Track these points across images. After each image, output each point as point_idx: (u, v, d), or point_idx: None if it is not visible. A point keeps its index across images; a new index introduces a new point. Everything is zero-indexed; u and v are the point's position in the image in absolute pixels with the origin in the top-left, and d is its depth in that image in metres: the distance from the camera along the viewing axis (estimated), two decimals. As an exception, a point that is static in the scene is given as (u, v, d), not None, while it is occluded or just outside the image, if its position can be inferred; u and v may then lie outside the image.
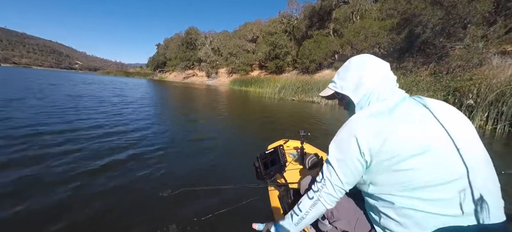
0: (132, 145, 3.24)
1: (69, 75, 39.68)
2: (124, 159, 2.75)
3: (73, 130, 3.71)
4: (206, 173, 2.57)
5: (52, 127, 3.80)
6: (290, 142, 2.04)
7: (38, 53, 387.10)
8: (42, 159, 2.54)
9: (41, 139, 3.15)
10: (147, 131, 4.14)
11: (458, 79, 6.68)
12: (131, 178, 2.31)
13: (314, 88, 12.76)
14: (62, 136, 3.38)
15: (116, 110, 6.10)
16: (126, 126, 4.37)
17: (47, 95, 7.74)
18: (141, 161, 2.73)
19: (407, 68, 10.80)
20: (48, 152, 2.76)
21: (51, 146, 2.93)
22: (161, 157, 2.89)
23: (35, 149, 2.80)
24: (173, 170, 2.56)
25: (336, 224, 0.87)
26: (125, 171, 2.45)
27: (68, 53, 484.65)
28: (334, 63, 19.43)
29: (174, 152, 3.15)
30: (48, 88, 10.65)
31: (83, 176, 2.26)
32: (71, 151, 2.85)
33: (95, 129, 3.96)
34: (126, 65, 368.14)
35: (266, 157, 1.37)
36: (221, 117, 6.38)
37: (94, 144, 3.16)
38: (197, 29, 46.83)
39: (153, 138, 3.72)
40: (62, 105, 6.07)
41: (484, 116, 5.45)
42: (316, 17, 23.33)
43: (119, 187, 2.13)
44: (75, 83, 16.18)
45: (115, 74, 73.56)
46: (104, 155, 2.81)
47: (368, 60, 0.80)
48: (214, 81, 36.58)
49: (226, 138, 4.15)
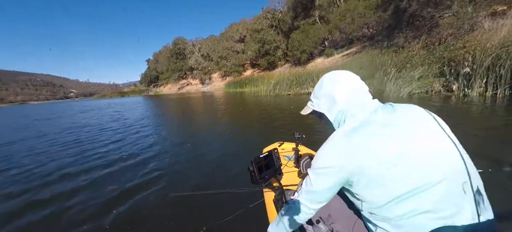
0: (132, 160, 3.43)
1: (69, 104, 40.31)
2: (121, 171, 2.99)
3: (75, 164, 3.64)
4: (202, 179, 2.65)
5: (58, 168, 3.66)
6: (285, 144, 2.02)
7: (32, 88, 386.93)
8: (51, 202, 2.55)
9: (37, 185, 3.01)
10: (146, 147, 4.29)
11: (452, 48, 6.51)
12: (129, 186, 2.47)
13: (308, 80, 12.61)
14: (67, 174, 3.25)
15: (118, 136, 5.90)
16: (125, 147, 4.45)
17: (47, 132, 7.59)
18: (140, 170, 2.92)
19: (398, 45, 10.62)
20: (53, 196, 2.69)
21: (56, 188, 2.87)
22: (160, 166, 3.06)
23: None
24: (171, 177, 2.70)
25: (333, 226, 0.87)
26: (123, 181, 2.62)
27: (62, 83, 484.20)
28: (324, 50, 19.24)
29: (173, 161, 3.29)
30: (46, 123, 10.47)
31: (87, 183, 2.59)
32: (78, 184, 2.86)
33: (96, 156, 4.03)
34: (121, 86, 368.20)
35: (261, 161, 1.36)
36: (216, 124, 6.34)
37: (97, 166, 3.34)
38: (184, 38, 46.57)
39: (152, 151, 3.89)
40: (63, 140, 5.89)
41: (483, 83, 5.29)
42: (300, 6, 23.05)
43: (118, 196, 2.30)
44: (74, 113, 16.04)
45: (111, 96, 73.49)
46: (104, 167, 3.15)
47: (338, 77, 0.81)
48: (208, 87, 36.42)
49: (222, 143, 4.26)
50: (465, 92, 5.57)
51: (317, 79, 12.77)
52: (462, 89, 5.63)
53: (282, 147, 1.97)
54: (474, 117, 3.99)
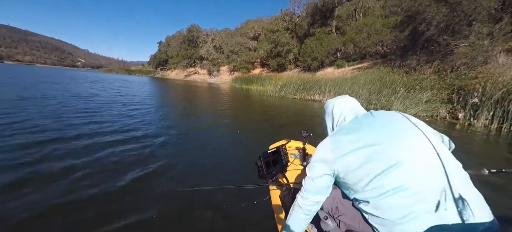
0: (136, 146, 3.21)
1: (76, 73, 39.72)
2: (124, 159, 2.72)
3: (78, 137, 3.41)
4: (208, 173, 2.56)
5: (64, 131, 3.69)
6: (292, 142, 2.03)
7: (41, 50, 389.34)
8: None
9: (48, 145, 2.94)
10: (152, 131, 4.05)
11: (463, 77, 6.55)
12: (134, 177, 2.29)
13: (316, 86, 12.65)
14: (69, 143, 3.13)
15: (125, 110, 5.89)
16: (131, 127, 4.28)
17: (56, 97, 7.73)
18: (146, 161, 2.70)
19: (410, 66, 10.65)
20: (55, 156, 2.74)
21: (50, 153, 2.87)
22: (165, 158, 2.85)
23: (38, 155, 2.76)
24: (177, 170, 2.56)
25: (340, 218, 0.91)
26: (127, 170, 2.42)
27: (71, 51, 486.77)
28: (336, 61, 19.25)
29: (178, 152, 3.13)
30: (61, 89, 10.64)
31: (85, 173, 2.29)
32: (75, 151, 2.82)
33: (98, 129, 3.91)
34: (128, 63, 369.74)
35: (269, 157, 1.36)
36: (223, 116, 6.33)
37: (97, 143, 3.16)
38: (199, 27, 46.68)
39: (158, 138, 3.64)
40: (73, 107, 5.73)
41: (490, 115, 5.34)
42: (319, 14, 23.07)
43: (120, 186, 2.11)
44: (81, 82, 16.20)
45: (117, 72, 73.82)
46: (107, 155, 2.80)
47: (335, 100, 1.05)
48: (215, 79, 36.49)
49: (228, 138, 4.13)
50: (471, 121, 5.63)
51: (324, 87, 12.87)
52: (468, 118, 5.69)
53: (289, 144, 1.95)
54: (477, 146, 4.06)
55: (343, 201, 0.91)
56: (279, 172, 1.44)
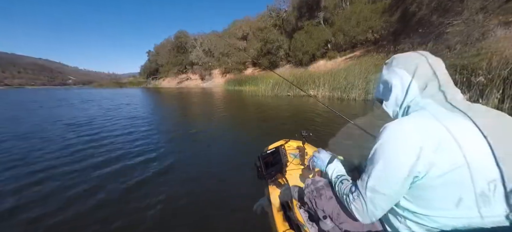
0: (133, 156, 3.23)
1: (65, 91, 39.14)
2: (121, 167, 2.76)
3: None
4: (208, 176, 2.55)
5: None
6: (291, 142, 2.00)
7: (30, 72, 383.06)
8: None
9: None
10: (147, 145, 3.91)
11: (465, 55, 6.14)
12: (132, 183, 2.33)
13: (309, 81, 12.23)
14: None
15: (118, 131, 5.27)
16: (127, 141, 4.09)
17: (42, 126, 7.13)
18: (142, 168, 2.75)
19: (404, 51, 10.29)
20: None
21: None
22: (163, 163, 2.89)
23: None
24: (176, 174, 2.59)
25: (342, 225, 0.84)
26: (123, 177, 2.48)
27: (60, 70, 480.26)
28: (327, 53, 18.88)
29: (176, 159, 3.11)
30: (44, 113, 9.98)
31: (86, 187, 2.30)
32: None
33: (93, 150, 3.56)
34: (120, 76, 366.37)
35: (268, 157, 1.36)
36: (218, 121, 6.00)
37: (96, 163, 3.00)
38: (186, 32, 46.06)
39: (154, 148, 3.62)
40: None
41: (498, 94, 4.92)
42: (305, 7, 22.68)
43: (118, 195, 2.13)
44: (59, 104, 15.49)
45: (108, 86, 72.85)
46: (105, 163, 2.88)
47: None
48: (208, 83, 35.93)
49: (225, 141, 4.07)
50: (479, 102, 5.21)
51: (318, 81, 12.45)
52: (475, 100, 5.28)
53: (288, 144, 1.93)
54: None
55: (345, 208, 0.81)
56: (278, 172, 1.43)
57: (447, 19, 9.11)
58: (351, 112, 6.39)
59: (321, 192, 0.92)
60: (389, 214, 0.72)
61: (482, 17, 7.97)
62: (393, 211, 0.70)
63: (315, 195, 0.93)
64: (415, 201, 0.61)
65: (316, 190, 0.94)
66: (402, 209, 0.66)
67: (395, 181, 0.59)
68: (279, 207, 1.28)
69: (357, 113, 6.35)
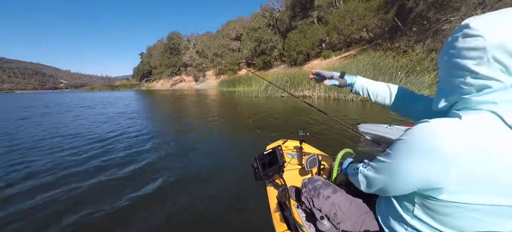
0: (131, 161, 3.16)
1: (56, 95, 38.65)
2: (120, 175, 2.68)
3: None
4: (205, 178, 2.52)
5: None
6: (289, 142, 1.98)
7: (20, 76, 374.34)
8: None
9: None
10: (144, 148, 3.83)
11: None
12: (130, 189, 2.29)
13: (304, 81, 11.84)
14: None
15: (111, 133, 4.99)
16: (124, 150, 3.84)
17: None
18: (140, 172, 2.73)
19: (400, 48, 9.98)
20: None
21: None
22: (160, 165, 2.92)
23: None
24: (174, 177, 2.55)
25: (339, 226, 0.84)
26: (122, 183, 2.45)
27: (52, 73, 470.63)
28: (322, 52, 18.57)
29: (171, 162, 3.09)
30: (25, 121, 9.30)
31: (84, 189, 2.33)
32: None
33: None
34: (113, 78, 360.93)
35: (264, 158, 1.35)
36: (213, 123, 5.70)
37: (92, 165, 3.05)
38: (179, 34, 45.48)
39: (152, 151, 3.60)
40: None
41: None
42: (299, 6, 22.38)
43: (114, 197, 2.12)
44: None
45: (100, 89, 71.52)
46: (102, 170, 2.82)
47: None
48: (202, 84, 35.37)
49: (223, 142, 4.08)
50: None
51: (313, 82, 12.06)
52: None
53: (285, 145, 1.92)
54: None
55: (343, 207, 0.84)
56: (276, 173, 1.41)
57: (444, 15, 8.84)
58: (349, 116, 5.98)
59: (318, 191, 0.92)
60: (393, 220, 0.66)
61: (480, 12, 7.70)
62: (398, 216, 0.64)
63: (313, 194, 0.94)
64: (434, 216, 0.55)
65: (313, 189, 0.95)
66: (411, 216, 0.60)
67: None
68: (277, 207, 1.26)
69: (355, 117, 5.95)
